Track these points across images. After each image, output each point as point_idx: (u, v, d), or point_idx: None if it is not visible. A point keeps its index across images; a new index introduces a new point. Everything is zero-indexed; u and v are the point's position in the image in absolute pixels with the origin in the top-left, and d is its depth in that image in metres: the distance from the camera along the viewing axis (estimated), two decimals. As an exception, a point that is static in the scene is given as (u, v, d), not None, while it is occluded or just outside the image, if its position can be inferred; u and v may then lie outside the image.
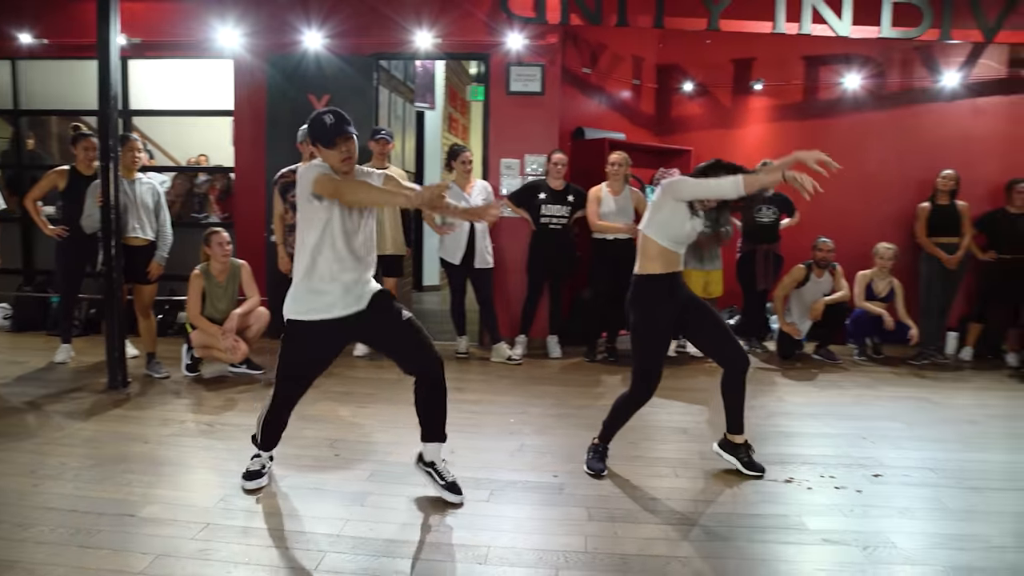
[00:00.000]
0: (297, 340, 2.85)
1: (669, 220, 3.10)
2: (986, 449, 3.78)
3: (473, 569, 2.41)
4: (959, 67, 6.35)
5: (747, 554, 2.57)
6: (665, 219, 3.11)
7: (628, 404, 3.29)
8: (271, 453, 3.12)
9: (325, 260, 2.76)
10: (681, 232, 3.12)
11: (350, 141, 2.72)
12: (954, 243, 5.86)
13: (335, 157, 2.73)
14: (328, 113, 2.73)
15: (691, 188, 3.04)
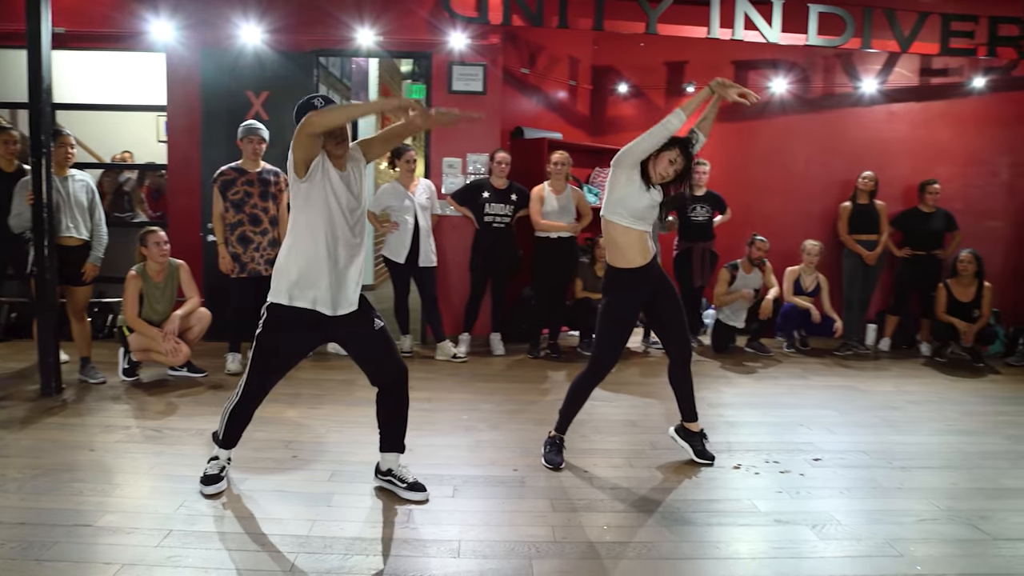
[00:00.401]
0: (279, 327, 2.80)
1: (625, 194, 3.19)
2: (910, 432, 4.06)
3: (447, 563, 2.45)
4: (876, 74, 6.76)
5: (706, 537, 2.71)
6: (621, 194, 3.20)
7: (585, 383, 3.40)
8: (229, 455, 3.07)
9: (321, 243, 2.72)
10: (640, 204, 3.20)
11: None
12: (873, 240, 6.24)
13: (329, 138, 2.71)
14: (318, 97, 2.78)
15: (637, 145, 3.14)
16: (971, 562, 2.54)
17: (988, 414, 4.48)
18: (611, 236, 3.27)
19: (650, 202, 3.24)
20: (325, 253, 2.73)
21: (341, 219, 2.74)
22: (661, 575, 2.41)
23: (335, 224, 2.73)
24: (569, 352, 6.00)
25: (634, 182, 3.18)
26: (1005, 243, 6.65)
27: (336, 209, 2.73)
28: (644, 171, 3.20)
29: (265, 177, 4.98)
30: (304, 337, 2.86)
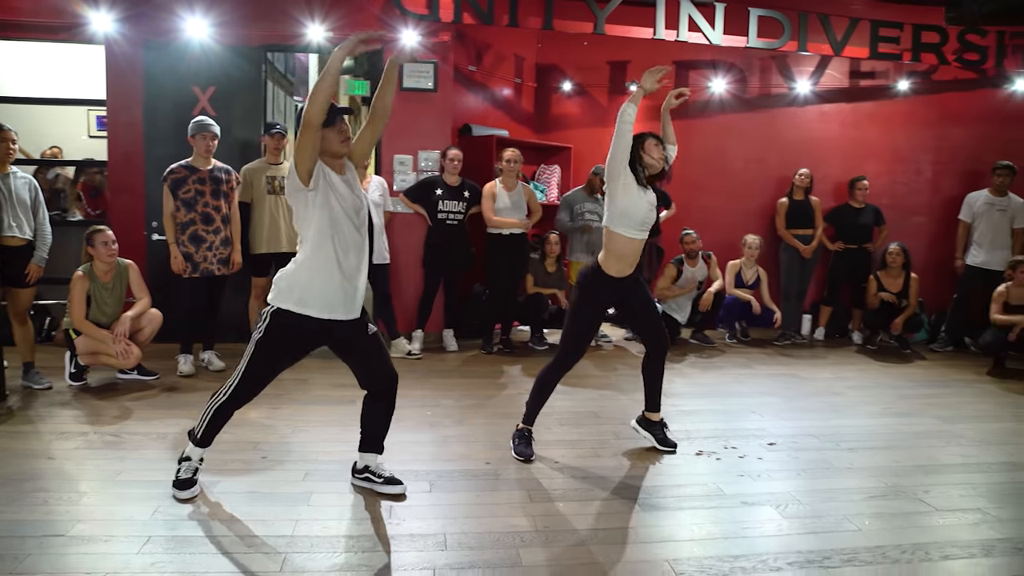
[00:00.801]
0: (283, 332, 2.78)
1: (627, 203, 3.31)
2: (851, 416, 4.33)
3: (437, 556, 2.50)
4: (809, 76, 7.09)
5: (679, 520, 2.84)
6: (623, 205, 3.31)
7: (552, 375, 3.50)
8: (202, 455, 3.02)
9: (331, 249, 2.73)
10: (641, 210, 3.33)
11: (343, 122, 2.75)
12: (809, 234, 6.57)
13: (335, 137, 2.72)
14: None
15: (614, 150, 3.28)
16: (920, 532, 2.76)
17: (919, 397, 4.81)
18: (613, 246, 3.39)
19: (648, 205, 3.38)
20: (335, 259, 2.73)
21: (348, 222, 2.75)
22: (644, 557, 2.52)
23: (343, 228, 2.74)
24: (521, 347, 6.10)
25: (630, 187, 3.31)
26: (928, 237, 7.09)
27: (341, 213, 2.74)
28: (634, 170, 3.32)
29: (216, 175, 4.87)
30: (307, 342, 2.86)
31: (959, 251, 6.47)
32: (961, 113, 7.01)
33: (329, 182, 2.73)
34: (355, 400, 3.18)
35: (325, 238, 2.73)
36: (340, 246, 2.74)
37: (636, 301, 3.55)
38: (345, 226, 2.76)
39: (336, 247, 2.74)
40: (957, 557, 2.56)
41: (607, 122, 7.73)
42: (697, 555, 2.54)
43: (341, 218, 2.74)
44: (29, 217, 4.39)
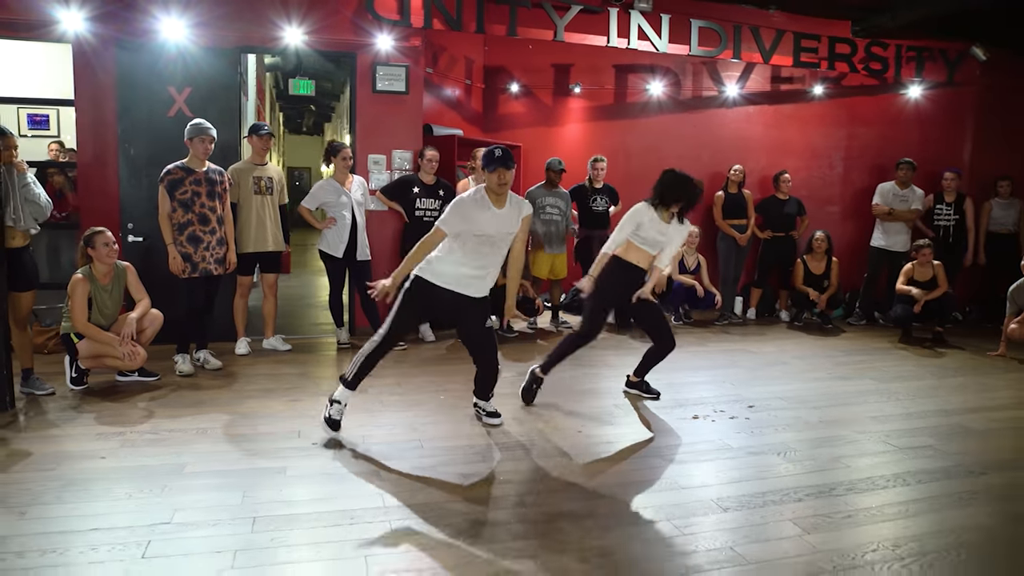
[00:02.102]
0: (417, 295, 3.67)
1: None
2: (804, 380, 5.03)
3: (520, 510, 2.88)
4: (736, 81, 7.83)
5: (705, 469, 3.36)
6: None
7: (576, 341, 4.28)
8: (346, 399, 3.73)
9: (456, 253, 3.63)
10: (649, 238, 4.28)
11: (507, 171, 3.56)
12: (743, 224, 7.30)
13: (494, 181, 3.55)
14: (497, 148, 3.57)
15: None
16: (894, 465, 3.40)
17: (852, 363, 5.59)
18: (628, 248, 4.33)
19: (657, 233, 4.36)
20: (458, 262, 3.67)
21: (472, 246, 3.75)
22: (691, 499, 3.00)
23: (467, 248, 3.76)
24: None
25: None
26: (840, 224, 8.02)
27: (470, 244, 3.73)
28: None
29: (212, 176, 4.97)
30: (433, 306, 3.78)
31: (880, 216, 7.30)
32: (867, 115, 7.97)
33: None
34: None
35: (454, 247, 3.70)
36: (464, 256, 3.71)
37: (644, 306, 4.38)
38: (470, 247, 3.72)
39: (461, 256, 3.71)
40: (927, 481, 3.22)
41: (552, 122, 8.23)
42: (732, 494, 3.05)
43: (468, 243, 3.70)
44: (27, 212, 4.31)
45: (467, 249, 3.63)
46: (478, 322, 3.79)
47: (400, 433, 3.79)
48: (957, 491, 3.12)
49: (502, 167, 3.52)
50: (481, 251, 3.63)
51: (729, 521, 2.81)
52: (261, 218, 5.45)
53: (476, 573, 2.42)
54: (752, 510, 2.90)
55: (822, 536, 2.69)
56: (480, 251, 3.63)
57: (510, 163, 3.54)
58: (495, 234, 3.62)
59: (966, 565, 2.50)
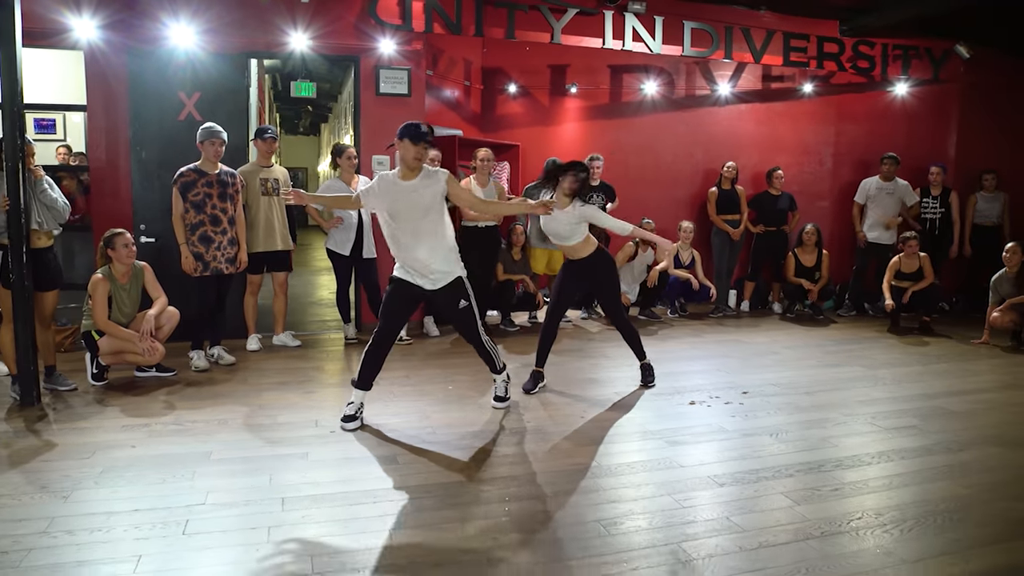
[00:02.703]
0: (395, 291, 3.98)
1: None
2: (795, 368, 5.25)
3: (512, 488, 3.08)
4: (728, 80, 8.04)
5: (702, 450, 3.57)
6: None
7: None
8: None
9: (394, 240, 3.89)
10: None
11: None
12: (736, 219, 7.52)
13: (411, 155, 3.72)
14: (423, 124, 3.74)
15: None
16: (879, 443, 3.62)
17: (842, 352, 5.81)
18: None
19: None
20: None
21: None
22: (689, 476, 3.21)
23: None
24: (493, 329, 6.67)
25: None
26: (830, 218, 8.25)
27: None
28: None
29: (223, 179, 5.15)
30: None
31: (858, 227, 7.60)
32: (855, 112, 8.20)
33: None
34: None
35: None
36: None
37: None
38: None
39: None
40: (910, 457, 3.45)
41: (549, 121, 8.43)
42: (728, 471, 3.27)
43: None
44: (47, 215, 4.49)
45: (392, 230, 3.86)
46: (450, 306, 3.98)
47: (413, 420, 3.99)
48: (937, 466, 3.34)
49: (424, 143, 3.72)
50: (404, 229, 3.81)
51: (725, 495, 3.02)
52: (269, 218, 5.64)
53: (489, 544, 2.62)
54: (746, 485, 3.12)
55: (811, 507, 2.90)
56: (404, 229, 3.81)
57: (430, 143, 3.79)
58: (404, 208, 3.77)
59: (942, 528, 2.71)
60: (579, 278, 4.61)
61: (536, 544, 2.62)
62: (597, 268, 4.54)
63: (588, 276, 4.60)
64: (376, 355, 3.93)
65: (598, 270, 4.56)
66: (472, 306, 4.02)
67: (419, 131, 3.69)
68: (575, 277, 4.61)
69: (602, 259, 4.58)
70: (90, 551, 2.58)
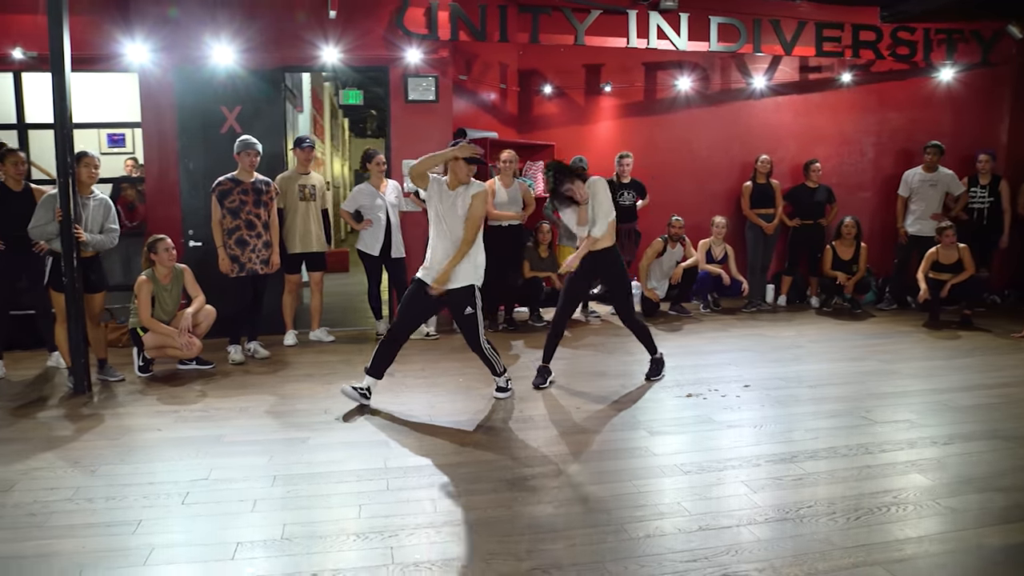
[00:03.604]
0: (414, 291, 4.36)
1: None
2: (812, 362, 5.21)
3: (508, 473, 3.27)
4: (764, 72, 7.94)
5: (681, 439, 3.67)
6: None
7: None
8: None
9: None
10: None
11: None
12: (770, 213, 7.44)
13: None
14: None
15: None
16: (863, 436, 3.62)
17: (866, 346, 5.71)
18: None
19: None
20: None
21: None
22: (657, 464, 3.32)
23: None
24: (522, 324, 6.86)
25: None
26: (872, 210, 8.04)
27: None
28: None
29: (258, 187, 5.54)
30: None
31: (900, 222, 7.39)
32: (897, 100, 7.96)
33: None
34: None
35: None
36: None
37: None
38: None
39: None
40: (890, 450, 3.43)
41: (584, 120, 8.55)
42: (697, 460, 3.36)
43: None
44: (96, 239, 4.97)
45: (433, 226, 4.31)
46: (458, 310, 4.28)
47: (417, 409, 4.24)
48: (915, 459, 3.32)
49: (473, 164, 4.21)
50: (440, 230, 4.25)
51: (685, 482, 3.12)
52: (306, 222, 6.02)
53: (458, 519, 2.82)
54: (710, 473, 3.20)
55: (768, 495, 2.97)
56: (440, 230, 4.26)
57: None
58: (448, 214, 4.20)
59: (891, 519, 2.73)
60: (585, 276, 4.71)
61: (480, 525, 2.80)
62: (599, 264, 4.67)
63: (594, 272, 4.71)
64: (390, 348, 4.29)
65: (600, 266, 4.67)
66: (477, 314, 4.29)
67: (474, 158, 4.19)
68: (584, 273, 4.71)
69: (607, 257, 4.66)
70: (101, 516, 2.94)
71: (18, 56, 5.95)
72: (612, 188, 7.31)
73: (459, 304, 4.26)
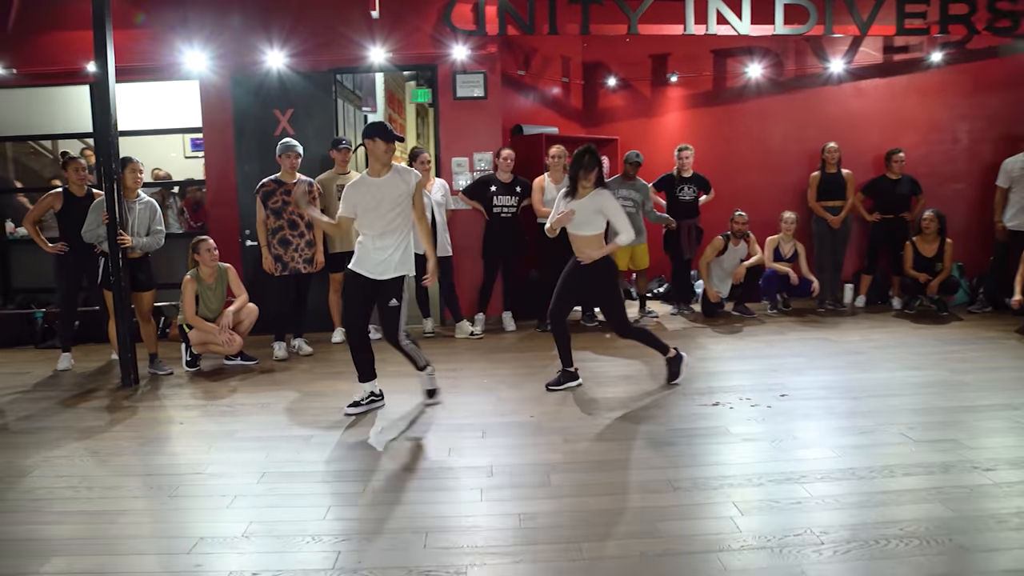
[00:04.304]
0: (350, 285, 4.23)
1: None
2: (868, 370, 4.74)
3: (483, 480, 3.15)
4: (843, 55, 7.35)
5: (684, 451, 3.40)
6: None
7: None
8: None
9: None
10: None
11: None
12: (838, 206, 6.87)
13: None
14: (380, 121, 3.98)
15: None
16: (892, 456, 3.22)
17: (938, 353, 5.15)
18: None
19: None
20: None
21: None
22: (648, 478, 3.10)
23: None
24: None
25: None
26: (968, 203, 7.27)
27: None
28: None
29: (300, 187, 5.65)
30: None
31: (998, 215, 6.64)
32: (996, 80, 7.15)
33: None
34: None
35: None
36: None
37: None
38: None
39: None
40: (916, 474, 3.03)
41: (650, 113, 8.24)
42: (693, 476, 3.10)
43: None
44: (143, 241, 5.24)
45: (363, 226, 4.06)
46: (382, 302, 4.12)
47: (429, 411, 4.18)
48: (942, 486, 2.91)
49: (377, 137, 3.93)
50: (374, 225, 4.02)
51: (671, 500, 2.88)
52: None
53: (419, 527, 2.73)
54: (701, 492, 2.95)
55: (755, 519, 2.69)
56: (369, 222, 4.03)
57: (387, 136, 3.93)
58: (377, 205, 3.97)
59: (884, 555, 2.40)
60: (578, 279, 4.50)
61: (435, 532, 2.69)
62: (590, 274, 4.46)
63: (585, 280, 4.49)
64: (358, 354, 4.22)
65: (591, 276, 4.46)
66: (400, 308, 4.14)
67: (371, 127, 4.00)
68: (574, 276, 4.51)
69: (598, 266, 4.43)
70: (94, 504, 3.07)
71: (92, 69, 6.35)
72: (672, 182, 7.01)
73: (388, 295, 4.08)
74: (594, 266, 4.40)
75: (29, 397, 4.84)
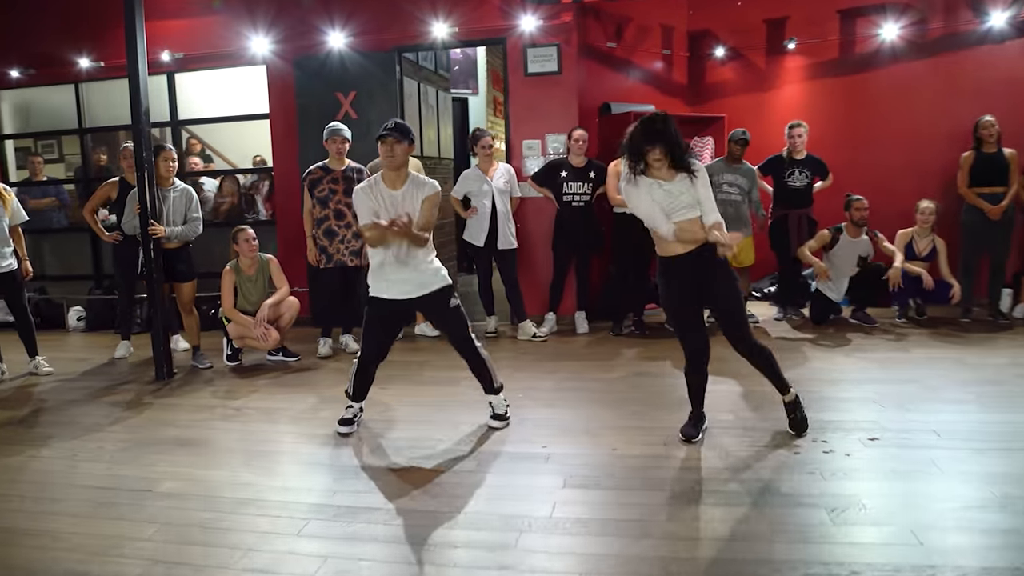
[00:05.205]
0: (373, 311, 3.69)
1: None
2: (1003, 410, 3.62)
3: (439, 532, 2.57)
4: (1008, 5, 5.94)
5: (710, 516, 2.62)
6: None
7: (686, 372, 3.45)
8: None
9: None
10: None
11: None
12: (999, 193, 5.53)
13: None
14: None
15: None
16: (1006, 555, 2.27)
17: (1120, 390, 3.89)
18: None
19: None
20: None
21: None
22: (641, 553, 2.37)
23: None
24: (656, 329, 5.86)
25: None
26: None
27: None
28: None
29: (349, 175, 5.27)
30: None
31: None
32: None
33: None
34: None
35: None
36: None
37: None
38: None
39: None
40: None
41: (765, 86, 7.19)
42: (703, 556, 2.34)
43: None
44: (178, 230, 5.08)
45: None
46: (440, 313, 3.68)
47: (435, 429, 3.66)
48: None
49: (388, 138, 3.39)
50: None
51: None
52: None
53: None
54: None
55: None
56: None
57: (401, 136, 3.41)
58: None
59: None
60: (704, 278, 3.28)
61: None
62: (719, 270, 3.28)
63: (712, 278, 3.28)
64: (363, 373, 3.73)
65: (720, 273, 3.28)
66: (460, 307, 3.75)
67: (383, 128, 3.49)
68: (694, 276, 3.28)
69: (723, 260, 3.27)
70: (28, 505, 2.89)
71: (165, 58, 6.37)
72: (781, 165, 5.99)
73: (433, 313, 3.83)
74: (721, 259, 3.26)
75: (69, 386, 4.82)
